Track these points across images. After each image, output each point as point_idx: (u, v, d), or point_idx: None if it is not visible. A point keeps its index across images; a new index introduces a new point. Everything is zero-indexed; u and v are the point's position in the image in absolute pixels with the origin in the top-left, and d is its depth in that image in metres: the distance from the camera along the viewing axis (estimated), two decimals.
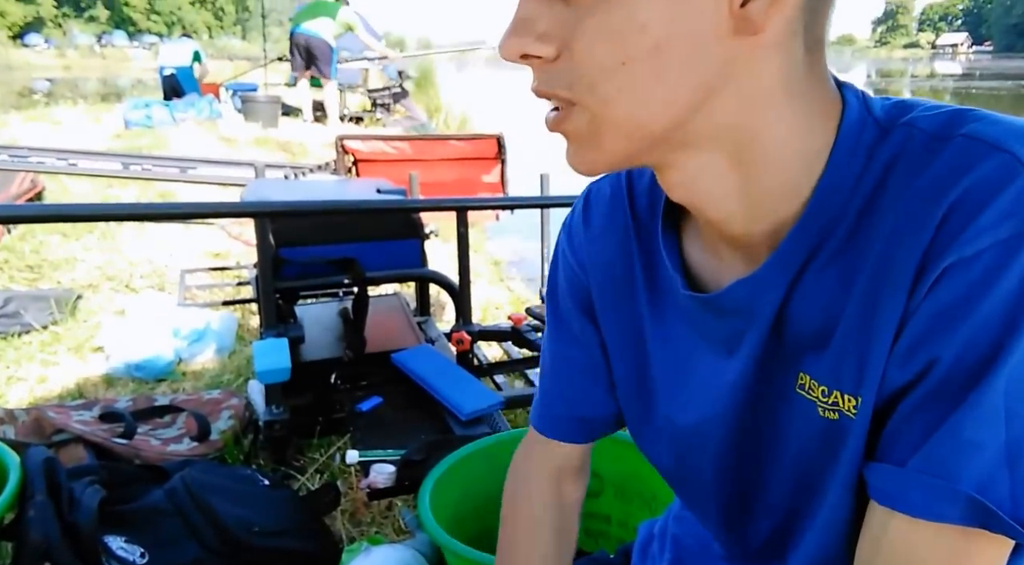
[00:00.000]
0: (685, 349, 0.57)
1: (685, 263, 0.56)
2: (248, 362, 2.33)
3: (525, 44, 0.45)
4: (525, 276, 3.62)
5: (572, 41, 0.43)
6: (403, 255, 1.95)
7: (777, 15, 0.41)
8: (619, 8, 0.41)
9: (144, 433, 1.81)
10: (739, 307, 0.51)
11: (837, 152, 0.46)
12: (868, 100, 0.48)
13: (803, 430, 0.50)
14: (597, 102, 0.44)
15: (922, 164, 0.43)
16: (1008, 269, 0.39)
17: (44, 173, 3.97)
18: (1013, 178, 0.40)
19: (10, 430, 1.70)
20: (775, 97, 0.45)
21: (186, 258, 3.41)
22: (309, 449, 1.84)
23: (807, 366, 0.49)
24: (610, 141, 0.46)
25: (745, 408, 0.54)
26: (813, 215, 0.46)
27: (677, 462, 0.63)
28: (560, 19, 0.44)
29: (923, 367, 0.42)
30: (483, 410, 1.57)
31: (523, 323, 2.04)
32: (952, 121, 0.44)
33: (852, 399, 0.46)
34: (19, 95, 14.93)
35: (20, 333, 2.50)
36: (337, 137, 3.14)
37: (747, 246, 0.50)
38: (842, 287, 0.46)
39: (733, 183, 0.47)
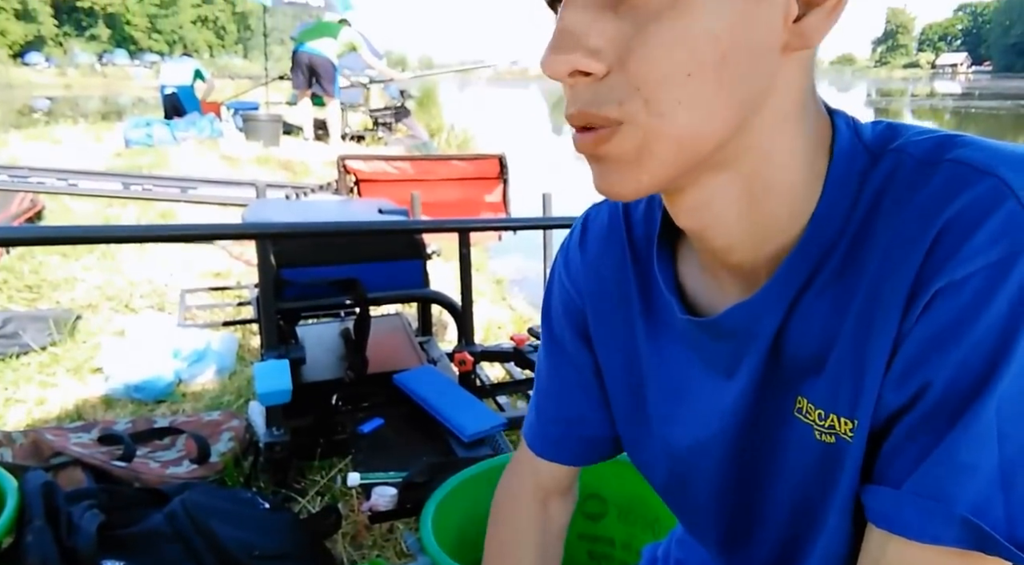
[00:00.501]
0: (682, 372, 0.57)
1: (681, 288, 0.57)
2: (249, 383, 2.32)
3: (575, 60, 0.42)
4: (527, 295, 3.62)
5: (629, 53, 0.41)
6: (405, 275, 1.94)
7: (829, 25, 0.42)
8: (690, 16, 0.40)
9: (143, 455, 1.79)
10: (738, 330, 0.51)
11: (832, 179, 0.47)
12: (858, 126, 0.49)
13: (801, 454, 0.50)
14: (652, 117, 0.42)
15: (912, 189, 0.44)
16: (998, 292, 0.39)
17: (44, 193, 3.98)
18: (1001, 202, 0.40)
19: (7, 453, 1.68)
20: (794, 117, 0.46)
21: (187, 278, 3.41)
22: (310, 471, 1.82)
23: (804, 390, 0.49)
24: (658, 161, 0.44)
25: (743, 431, 0.54)
26: (810, 241, 0.47)
27: (675, 485, 0.63)
28: (613, 31, 0.41)
29: (917, 390, 0.42)
30: (485, 431, 1.55)
31: (525, 344, 2.03)
32: (940, 147, 0.44)
33: (848, 422, 0.46)
34: (19, 113, 15.01)
35: (18, 354, 2.49)
36: (339, 157, 3.15)
37: (747, 271, 0.51)
38: (838, 311, 0.46)
39: (742, 209, 0.48)
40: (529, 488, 0.75)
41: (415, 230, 1.99)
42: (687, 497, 0.63)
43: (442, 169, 3.17)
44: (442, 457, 1.51)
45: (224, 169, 6.24)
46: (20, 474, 1.34)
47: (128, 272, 3.37)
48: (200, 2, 66.36)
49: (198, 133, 7.53)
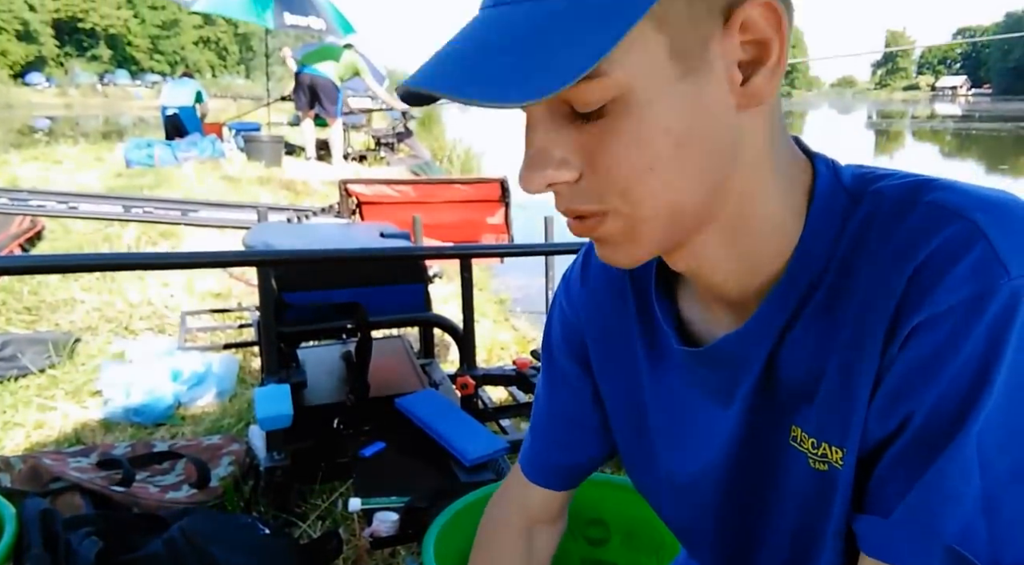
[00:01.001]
0: (682, 401, 0.59)
1: (680, 319, 0.59)
2: (249, 406, 2.30)
3: (548, 175, 0.46)
4: (530, 315, 3.62)
5: (595, 158, 0.45)
6: (407, 299, 1.94)
7: (776, 81, 0.45)
8: (639, 118, 0.43)
9: (142, 480, 1.78)
10: (730, 358, 0.54)
11: (813, 216, 0.49)
12: (838, 168, 0.51)
13: (797, 482, 0.52)
14: (630, 206, 0.46)
15: (890, 228, 0.46)
16: (973, 327, 0.42)
17: (45, 216, 3.99)
18: (973, 244, 0.42)
19: (6, 478, 1.67)
20: (766, 159, 0.48)
21: (186, 299, 3.41)
22: (311, 495, 1.81)
23: (798, 419, 0.51)
24: (648, 235, 0.48)
25: (741, 458, 0.56)
26: (795, 273, 0.50)
27: (678, 510, 0.65)
28: (575, 143, 0.45)
29: (900, 421, 0.44)
30: (488, 456, 1.54)
31: (528, 367, 2.03)
32: (917, 190, 0.47)
33: (839, 450, 0.48)
34: (19, 133, 15.08)
35: (17, 377, 2.48)
36: (341, 181, 3.17)
37: (738, 302, 0.53)
38: (826, 342, 0.49)
39: (729, 250, 0.50)
40: (516, 517, 0.76)
41: (417, 257, 2.00)
42: (689, 522, 0.64)
43: (444, 192, 3.18)
44: (444, 482, 1.50)
45: (225, 190, 6.26)
46: (19, 500, 1.33)
47: (128, 294, 3.36)
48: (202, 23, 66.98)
49: (200, 153, 7.57)
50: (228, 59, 74.81)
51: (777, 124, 0.49)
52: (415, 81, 0.42)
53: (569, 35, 0.40)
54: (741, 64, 0.44)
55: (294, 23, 8.13)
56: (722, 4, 0.43)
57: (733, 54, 0.44)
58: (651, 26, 0.41)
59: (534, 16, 0.41)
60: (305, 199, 6.13)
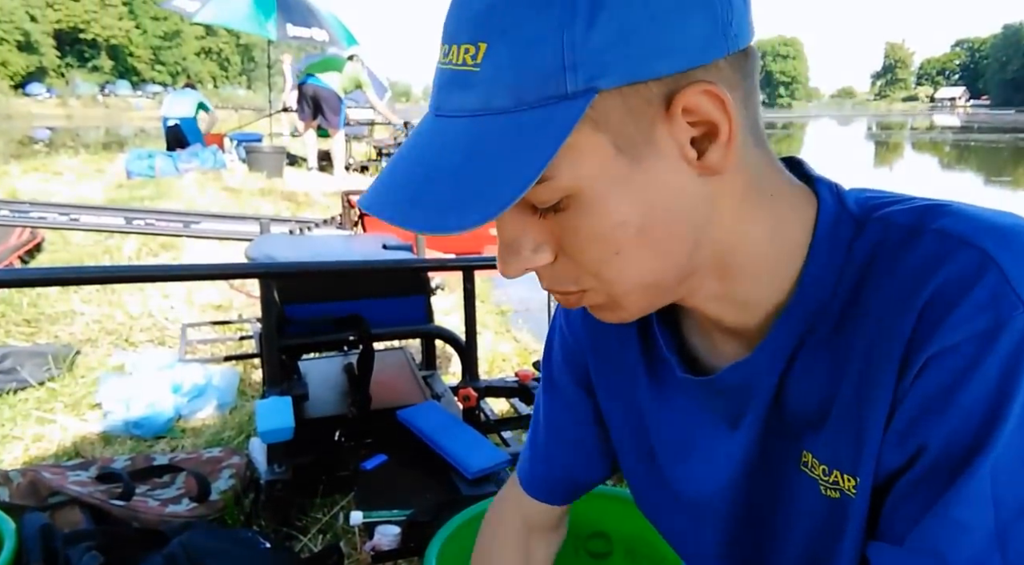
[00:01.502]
0: (688, 424, 0.59)
1: (684, 345, 0.59)
2: (249, 418, 2.29)
3: (523, 260, 0.48)
4: (532, 326, 3.61)
5: (564, 246, 0.47)
6: (409, 311, 1.94)
7: (731, 152, 0.44)
8: (594, 214, 0.44)
9: (142, 494, 1.76)
10: (736, 388, 0.53)
11: (817, 247, 0.49)
12: (842, 194, 0.51)
13: (807, 508, 0.52)
14: (606, 285, 0.48)
15: (898, 257, 0.46)
16: (986, 359, 0.41)
17: (46, 228, 3.99)
18: (984, 273, 0.42)
19: (4, 492, 1.66)
20: (749, 208, 0.48)
21: (186, 311, 3.40)
22: (312, 508, 1.79)
23: (809, 445, 0.51)
24: (631, 303, 0.49)
25: (751, 481, 0.55)
26: (799, 304, 0.49)
27: (684, 534, 0.64)
28: (545, 230, 0.47)
29: (914, 451, 0.44)
30: (490, 468, 1.54)
31: (530, 379, 2.02)
32: (924, 215, 0.46)
33: (851, 479, 0.48)
34: (19, 144, 15.12)
35: (16, 390, 2.46)
36: (343, 192, 3.17)
37: (740, 333, 0.53)
38: (836, 370, 0.48)
39: (720, 291, 0.51)
40: (514, 526, 0.77)
41: (420, 268, 1.99)
42: (695, 546, 0.64)
43: None
44: (446, 495, 1.49)
45: (227, 201, 6.26)
46: (18, 515, 1.32)
47: (128, 306, 3.36)
48: (204, 34, 67.33)
49: (201, 164, 7.58)
50: (230, 70, 75.12)
51: (757, 174, 0.48)
52: (367, 204, 0.45)
53: (504, 154, 0.41)
54: (693, 141, 0.44)
55: (297, 34, 8.16)
56: (660, 93, 0.42)
57: (682, 135, 0.43)
58: (589, 129, 0.42)
59: (472, 133, 0.42)
60: (306, 210, 6.14)
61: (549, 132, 0.41)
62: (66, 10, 55.81)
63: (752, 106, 0.46)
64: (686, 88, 0.42)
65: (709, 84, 0.42)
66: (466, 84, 0.43)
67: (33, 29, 51.89)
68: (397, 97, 12.16)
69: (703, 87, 0.42)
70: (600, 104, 0.41)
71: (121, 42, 60.63)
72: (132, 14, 61.51)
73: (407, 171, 0.44)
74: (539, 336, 3.43)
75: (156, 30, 63.32)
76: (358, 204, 0.39)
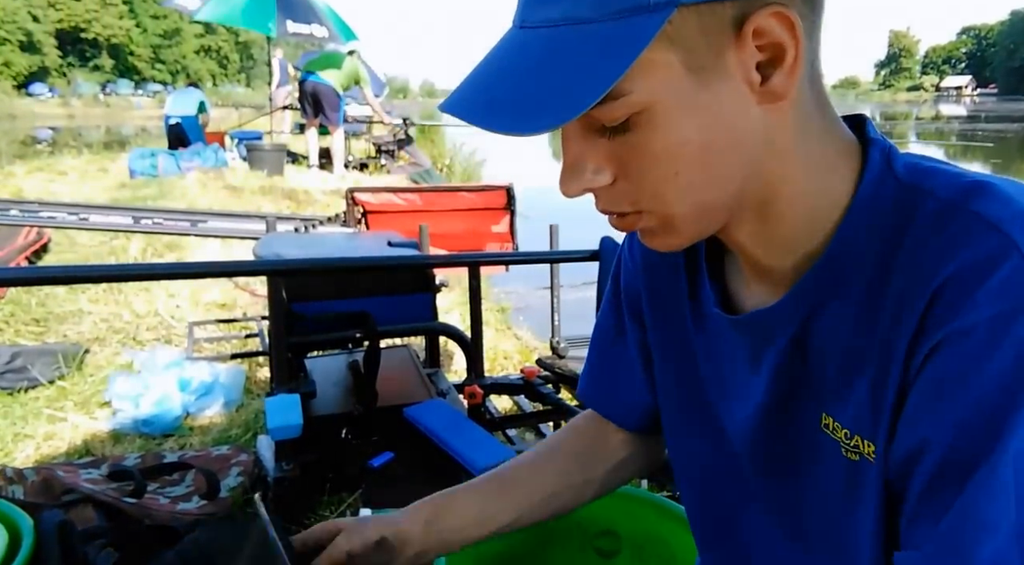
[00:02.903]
0: (723, 360, 0.61)
1: (725, 286, 0.61)
2: (256, 416, 2.32)
3: (584, 181, 0.50)
4: (532, 324, 3.62)
5: (625, 167, 0.49)
6: (415, 309, 1.95)
7: (794, 79, 0.46)
8: (660, 132, 0.46)
9: (153, 491, 1.79)
10: (760, 330, 0.56)
11: (857, 204, 0.50)
12: (892, 156, 0.51)
13: (829, 469, 0.52)
14: (662, 206, 0.50)
15: (929, 233, 0.46)
16: (999, 347, 0.41)
17: (56, 228, 4.02)
18: (1005, 260, 0.42)
19: (19, 490, 1.68)
20: (797, 146, 0.49)
21: (192, 309, 3.42)
22: (319, 506, 1.81)
23: (830, 408, 0.52)
24: (682, 228, 0.51)
25: (772, 432, 0.57)
26: (830, 257, 0.50)
27: (713, 479, 0.66)
28: (607, 151, 0.48)
29: (923, 441, 0.44)
30: (496, 466, 1.55)
31: (535, 376, 2.04)
32: (967, 194, 0.46)
33: (871, 444, 0.49)
34: (22, 144, 15.14)
35: (27, 388, 2.49)
36: (347, 190, 3.19)
37: (776, 276, 0.55)
38: (860, 332, 0.49)
39: (759, 231, 0.53)
40: (591, 417, 0.81)
41: (426, 265, 2.01)
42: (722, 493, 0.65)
43: (449, 200, 3.20)
44: None
45: (229, 199, 6.28)
46: (34, 512, 1.34)
47: (134, 305, 3.38)
48: (203, 32, 67.24)
49: (203, 163, 7.60)
50: (229, 68, 75.02)
51: (809, 113, 0.49)
52: (448, 106, 0.46)
53: (582, 63, 0.43)
54: (759, 65, 0.45)
55: (296, 31, 8.17)
56: (733, 15, 0.44)
57: (750, 59, 0.45)
58: (664, 46, 0.43)
59: (552, 43, 0.44)
60: (307, 208, 6.15)
61: (628, 42, 0.42)
62: (67, 10, 55.77)
63: (815, 43, 0.48)
64: (759, 9, 0.44)
65: (781, 6, 0.44)
66: None
67: (35, 29, 51.87)
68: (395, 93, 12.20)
69: (775, 8, 0.44)
70: (677, 20, 0.43)
71: (122, 41, 60.58)
72: (132, 13, 61.45)
73: (486, 77, 0.46)
74: (540, 333, 3.44)
75: (156, 29, 63.27)
76: (438, 108, 0.41)
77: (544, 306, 3.01)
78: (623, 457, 0.80)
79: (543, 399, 2.02)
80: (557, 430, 0.84)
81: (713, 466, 0.65)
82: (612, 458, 0.80)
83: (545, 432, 2.19)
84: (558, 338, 2.55)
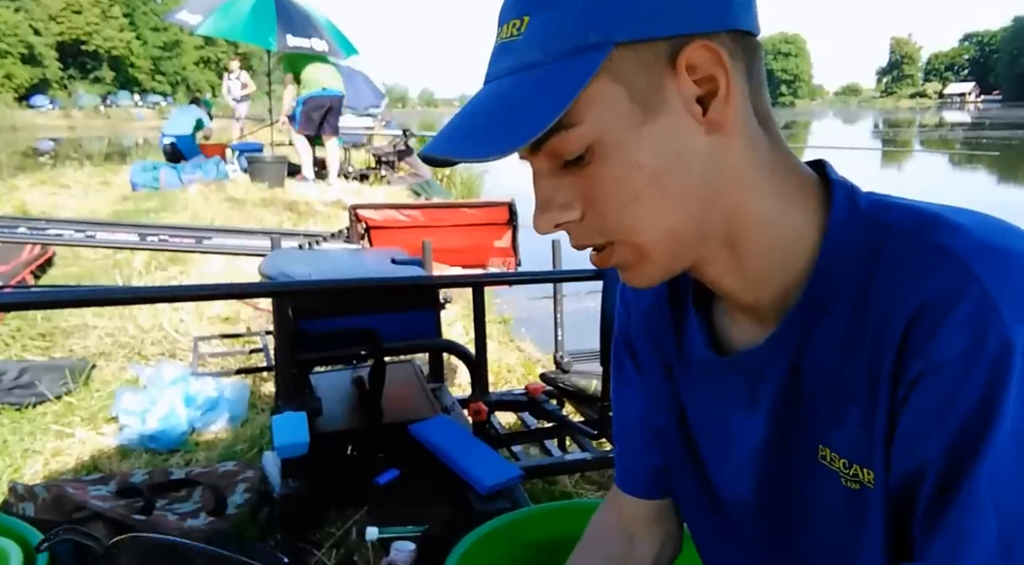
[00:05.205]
0: (714, 405, 0.63)
1: (713, 327, 0.63)
2: (261, 432, 2.33)
3: (554, 217, 0.54)
4: (535, 336, 3.64)
5: (590, 198, 0.53)
6: (419, 325, 1.97)
7: (730, 108, 0.50)
8: (615, 159, 0.51)
9: (161, 508, 1.80)
10: (751, 370, 0.58)
11: (829, 243, 0.53)
12: (856, 196, 0.54)
13: (830, 500, 0.54)
14: (630, 234, 0.53)
15: (894, 267, 0.49)
16: (971, 378, 0.44)
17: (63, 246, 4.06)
18: (968, 292, 0.45)
19: (30, 507, 1.69)
20: (752, 177, 0.52)
21: (196, 323, 3.44)
22: (326, 523, 1.83)
23: (826, 439, 0.54)
24: (656, 256, 0.54)
25: (771, 470, 0.58)
26: (814, 294, 0.53)
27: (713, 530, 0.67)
28: (574, 186, 0.53)
29: (918, 466, 0.47)
30: (503, 484, 1.57)
31: (540, 392, 2.05)
32: (924, 227, 0.49)
33: (870, 472, 0.51)
34: (23, 156, 15.18)
35: (34, 404, 2.51)
36: (351, 206, 3.23)
37: (758, 312, 0.58)
38: (848, 367, 0.52)
39: (734, 262, 0.55)
40: (615, 519, 0.79)
41: (432, 285, 2.03)
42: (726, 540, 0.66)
43: (452, 216, 3.24)
44: (460, 510, 1.52)
45: (231, 212, 6.30)
46: (46, 529, 1.36)
47: (139, 318, 3.40)
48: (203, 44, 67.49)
49: (204, 176, 7.64)
50: None
51: (760, 147, 0.53)
52: (424, 151, 0.53)
53: (532, 99, 0.49)
54: (699, 98, 0.50)
55: (297, 45, 8.20)
56: (667, 50, 0.49)
57: (688, 91, 0.50)
58: (608, 80, 0.49)
59: (508, 87, 0.51)
60: (309, 220, 6.18)
61: (571, 78, 0.48)
62: (68, 22, 56.02)
63: (756, 85, 0.53)
64: (688, 45, 0.49)
65: (707, 40, 0.49)
66: (509, 51, 0.51)
67: (37, 42, 52.09)
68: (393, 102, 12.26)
69: (701, 42, 0.49)
70: (616, 57, 0.48)
71: (122, 53, 60.82)
72: (132, 25, 61.75)
73: (455, 122, 0.52)
74: (542, 345, 3.46)
75: (156, 41, 63.56)
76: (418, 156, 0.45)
77: (546, 317, 3.03)
78: (660, 545, 0.78)
79: (548, 416, 2.04)
80: (579, 547, 0.81)
81: (712, 515, 0.66)
82: (655, 536, 0.78)
83: (550, 448, 2.20)
84: (562, 353, 2.58)
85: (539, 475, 1.86)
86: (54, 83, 54.78)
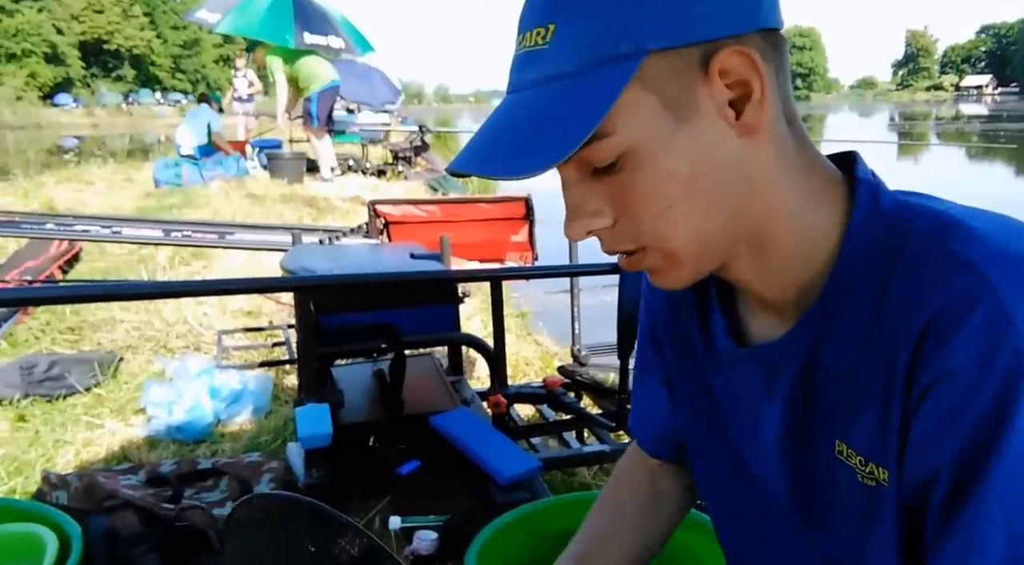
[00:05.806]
0: (739, 393, 0.64)
1: (737, 318, 0.64)
2: (284, 423, 2.38)
3: (586, 224, 0.54)
4: (552, 329, 3.65)
5: (622, 205, 0.52)
6: (439, 320, 2.00)
7: (764, 110, 0.50)
8: (649, 168, 0.50)
9: (189, 497, 1.84)
10: (768, 363, 0.59)
11: (851, 236, 0.53)
12: (880, 195, 0.54)
13: (847, 494, 0.55)
14: (662, 241, 0.53)
15: (911, 271, 0.49)
16: (984, 386, 0.44)
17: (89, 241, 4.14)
18: (982, 299, 0.45)
19: (63, 495, 1.74)
20: (779, 178, 0.52)
21: (219, 317, 3.50)
22: (349, 513, 1.86)
23: (842, 435, 0.54)
24: (686, 260, 0.54)
25: (790, 462, 0.59)
26: (832, 291, 0.53)
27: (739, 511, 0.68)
28: (605, 193, 0.52)
29: (931, 472, 0.47)
30: (522, 474, 1.59)
31: (558, 386, 2.07)
32: (943, 231, 0.49)
33: (884, 470, 0.51)
34: (48, 153, 15.44)
35: (65, 396, 2.57)
36: (369, 202, 3.26)
37: (777, 308, 0.58)
38: (864, 367, 0.52)
39: (755, 262, 0.55)
40: (639, 465, 0.83)
41: (451, 280, 2.06)
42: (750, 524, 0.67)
43: (469, 211, 3.25)
44: (480, 500, 1.55)
45: (251, 208, 6.38)
46: (80, 517, 1.40)
47: (164, 312, 3.47)
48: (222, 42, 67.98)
49: (225, 172, 7.72)
50: None
51: (788, 148, 0.53)
52: (453, 166, 0.52)
53: (565, 112, 0.48)
54: (732, 102, 0.50)
55: (314, 42, 8.23)
56: (699, 56, 0.48)
57: (721, 96, 0.49)
58: (640, 89, 0.48)
59: (538, 99, 0.50)
60: (328, 215, 6.23)
61: (604, 89, 0.47)
62: (91, 22, 56.69)
63: (783, 83, 0.52)
64: (721, 50, 0.48)
65: (740, 45, 0.48)
66: (535, 61, 0.50)
67: (60, 41, 52.76)
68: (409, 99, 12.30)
69: (735, 48, 0.48)
70: (648, 66, 0.47)
71: (143, 52, 61.43)
72: (153, 24, 62.33)
73: (484, 136, 0.52)
74: (560, 339, 3.47)
75: (176, 39, 64.12)
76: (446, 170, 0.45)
77: (563, 309, 3.05)
78: (680, 494, 0.82)
79: (566, 409, 2.06)
80: (611, 484, 0.86)
81: (739, 492, 0.67)
82: (672, 500, 0.82)
83: (568, 440, 2.22)
84: (579, 346, 2.59)
85: (558, 467, 1.89)
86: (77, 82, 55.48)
